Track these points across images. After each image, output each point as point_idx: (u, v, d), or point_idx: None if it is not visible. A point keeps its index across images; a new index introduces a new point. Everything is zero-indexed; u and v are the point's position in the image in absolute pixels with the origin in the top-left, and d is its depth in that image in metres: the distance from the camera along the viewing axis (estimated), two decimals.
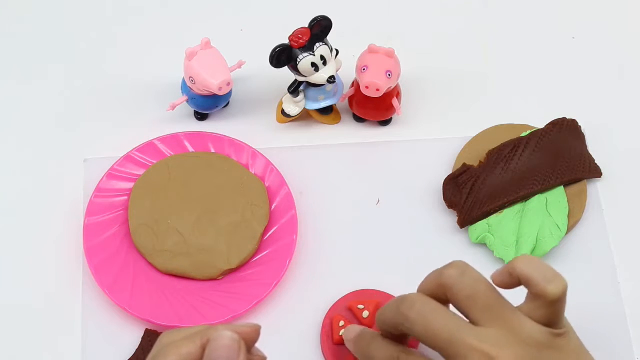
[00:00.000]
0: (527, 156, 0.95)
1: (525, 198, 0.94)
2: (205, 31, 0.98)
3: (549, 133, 0.97)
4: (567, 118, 0.98)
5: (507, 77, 1.03)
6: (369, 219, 0.96)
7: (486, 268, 0.92)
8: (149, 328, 0.90)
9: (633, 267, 0.93)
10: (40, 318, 0.91)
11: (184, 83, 0.98)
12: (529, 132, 0.97)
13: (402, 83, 0.98)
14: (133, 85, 1.02)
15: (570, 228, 0.94)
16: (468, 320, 0.73)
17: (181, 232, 0.93)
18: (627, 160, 0.98)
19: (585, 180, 0.96)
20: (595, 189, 0.96)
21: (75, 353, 0.90)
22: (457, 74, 1.03)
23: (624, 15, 1.07)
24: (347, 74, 0.97)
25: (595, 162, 0.97)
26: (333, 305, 0.91)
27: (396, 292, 0.91)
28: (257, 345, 0.88)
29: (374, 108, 0.98)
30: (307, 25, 0.92)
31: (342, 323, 0.89)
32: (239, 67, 0.99)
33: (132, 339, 0.90)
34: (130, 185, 0.95)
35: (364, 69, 0.94)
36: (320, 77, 0.93)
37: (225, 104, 1.00)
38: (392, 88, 0.96)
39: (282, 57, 0.92)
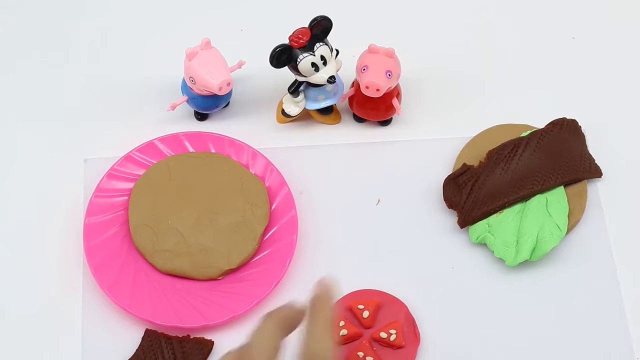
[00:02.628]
0: (527, 156, 0.95)
1: (525, 198, 0.94)
2: (205, 31, 0.98)
3: (549, 133, 0.97)
4: (567, 118, 0.98)
5: (507, 77, 1.03)
6: (369, 219, 0.96)
7: (486, 268, 0.93)
8: (149, 328, 0.90)
9: (633, 267, 0.93)
10: (40, 318, 0.91)
11: (184, 83, 0.98)
12: (529, 132, 0.97)
13: (402, 83, 0.98)
14: (133, 85, 1.02)
15: (570, 228, 0.94)
16: None
17: (181, 232, 0.93)
18: (627, 160, 0.98)
19: (585, 180, 0.96)
20: (595, 189, 0.96)
21: (75, 353, 0.90)
22: (457, 74, 1.03)
23: (624, 15, 1.07)
24: (347, 74, 0.97)
25: (595, 162, 0.97)
26: None
27: (396, 292, 0.91)
28: None
29: (374, 108, 0.98)
30: (307, 25, 0.92)
31: (342, 323, 0.89)
32: (239, 67, 0.99)
33: (132, 339, 0.90)
34: (130, 185, 0.95)
35: (364, 69, 0.94)
36: (320, 77, 0.93)
37: (225, 104, 1.00)
38: (392, 88, 0.96)
39: (282, 57, 0.92)
